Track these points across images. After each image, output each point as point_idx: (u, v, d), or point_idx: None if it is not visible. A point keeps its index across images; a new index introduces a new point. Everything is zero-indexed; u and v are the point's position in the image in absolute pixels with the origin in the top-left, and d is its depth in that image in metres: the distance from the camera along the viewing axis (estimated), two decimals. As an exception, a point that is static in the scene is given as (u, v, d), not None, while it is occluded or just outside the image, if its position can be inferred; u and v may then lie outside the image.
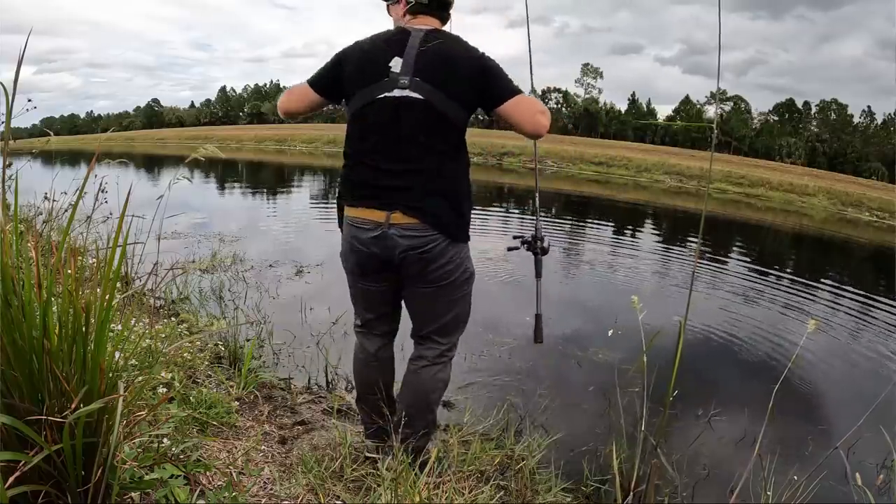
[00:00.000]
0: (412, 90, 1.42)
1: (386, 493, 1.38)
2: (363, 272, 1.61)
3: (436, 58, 1.44)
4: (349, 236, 1.57)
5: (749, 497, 1.82)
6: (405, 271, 1.55)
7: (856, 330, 4.19)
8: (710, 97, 61.32)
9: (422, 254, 1.49)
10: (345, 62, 1.52)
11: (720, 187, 18.11)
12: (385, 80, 1.44)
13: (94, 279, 1.13)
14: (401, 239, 1.47)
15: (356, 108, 1.49)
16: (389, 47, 1.47)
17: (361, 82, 1.47)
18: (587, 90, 69.51)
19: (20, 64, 1.02)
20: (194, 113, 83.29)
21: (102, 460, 0.99)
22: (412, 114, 1.43)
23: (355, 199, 1.53)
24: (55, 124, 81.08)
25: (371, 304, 1.68)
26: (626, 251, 6.67)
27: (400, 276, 1.58)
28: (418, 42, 1.45)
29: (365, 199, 1.50)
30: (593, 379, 2.85)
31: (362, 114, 1.48)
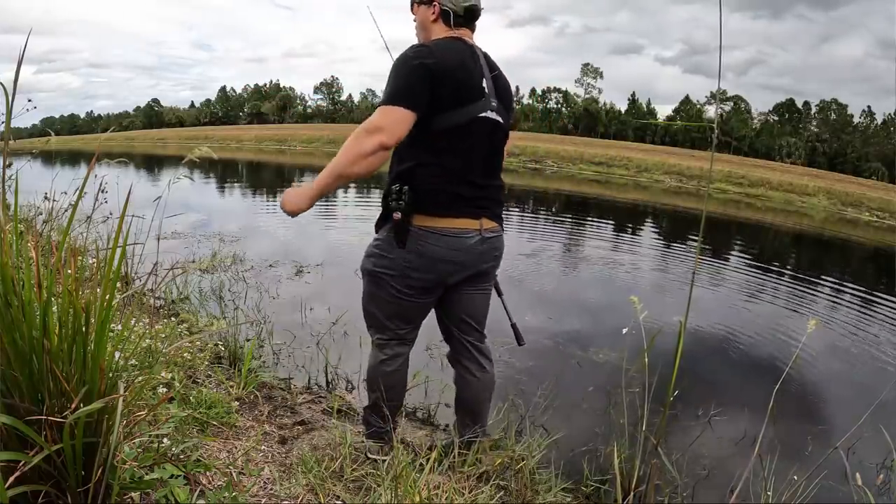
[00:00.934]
0: (497, 113, 1.54)
1: (386, 493, 1.38)
2: (435, 285, 1.59)
3: (504, 84, 1.58)
4: (442, 247, 1.52)
5: (749, 497, 1.82)
6: (482, 274, 1.65)
7: (856, 330, 4.19)
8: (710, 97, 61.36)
9: (498, 255, 1.67)
10: (439, 76, 1.41)
11: (720, 187, 18.12)
12: (482, 100, 1.49)
13: (94, 279, 1.13)
14: (494, 241, 1.62)
15: (453, 124, 1.46)
16: (475, 64, 1.50)
17: (462, 100, 1.46)
18: (587, 90, 69.58)
19: (20, 64, 1.02)
20: (194, 113, 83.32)
21: (102, 460, 0.99)
22: (498, 135, 1.57)
23: (451, 211, 1.51)
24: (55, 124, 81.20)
25: (416, 317, 1.70)
26: (626, 251, 6.67)
27: (458, 283, 1.62)
28: (485, 62, 1.54)
29: (463, 211, 1.53)
30: (593, 379, 2.85)
31: (463, 131, 1.47)
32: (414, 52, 1.43)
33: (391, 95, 1.40)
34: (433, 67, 1.40)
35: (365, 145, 1.36)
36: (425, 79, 1.39)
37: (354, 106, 79.26)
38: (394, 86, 1.40)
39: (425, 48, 1.45)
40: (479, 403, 1.84)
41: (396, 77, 1.41)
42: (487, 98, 1.50)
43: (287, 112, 77.30)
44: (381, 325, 1.70)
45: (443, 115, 1.44)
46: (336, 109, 78.86)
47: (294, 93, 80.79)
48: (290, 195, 1.50)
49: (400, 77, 1.41)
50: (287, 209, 1.51)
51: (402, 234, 1.49)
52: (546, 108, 69.61)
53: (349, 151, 1.38)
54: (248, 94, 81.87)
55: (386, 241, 1.56)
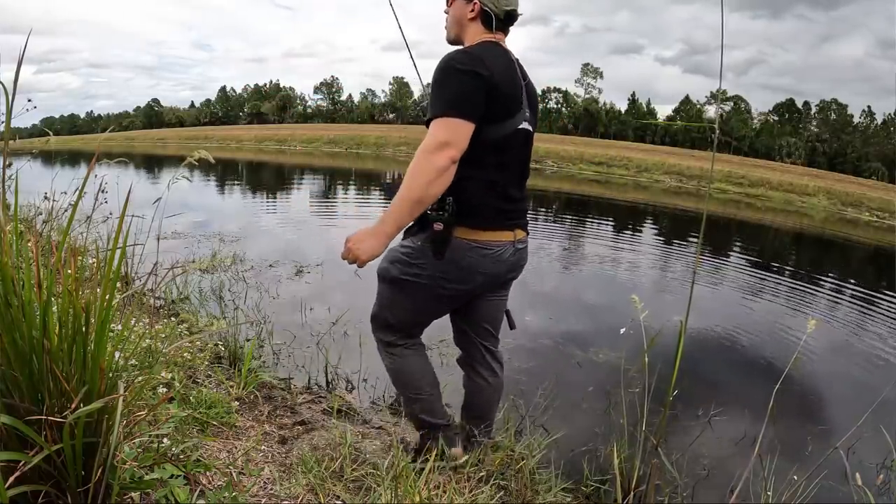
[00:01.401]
0: (528, 123, 1.51)
1: (386, 493, 1.38)
2: (465, 296, 1.58)
3: (533, 90, 1.55)
4: (482, 260, 1.49)
5: (749, 497, 1.82)
6: (507, 282, 1.66)
7: (856, 330, 4.19)
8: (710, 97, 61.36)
9: (524, 263, 1.65)
10: (492, 88, 1.35)
11: (720, 187, 18.12)
12: (520, 111, 1.46)
13: (94, 279, 1.13)
14: (524, 251, 1.61)
15: (500, 136, 1.41)
16: (516, 74, 1.45)
17: (509, 112, 1.42)
18: (587, 90, 69.58)
19: (20, 64, 1.02)
20: (194, 113, 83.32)
21: (102, 460, 0.99)
22: (529, 144, 1.55)
23: (493, 224, 1.49)
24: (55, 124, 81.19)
25: (431, 321, 1.72)
26: (626, 251, 6.67)
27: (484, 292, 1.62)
28: (519, 69, 1.49)
29: (503, 224, 1.51)
30: (593, 379, 2.85)
31: (505, 143, 1.43)
32: (468, 60, 1.33)
33: (449, 104, 1.30)
34: (487, 79, 1.33)
35: (438, 162, 1.28)
36: (480, 89, 1.33)
37: (354, 106, 79.27)
38: (449, 95, 1.31)
39: (476, 57, 1.35)
40: (489, 407, 1.86)
41: (449, 85, 1.32)
42: (523, 109, 1.47)
43: (287, 112, 77.30)
44: (396, 329, 1.67)
45: (491, 128, 1.38)
46: (336, 109, 78.85)
47: (294, 93, 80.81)
48: (362, 240, 1.32)
49: (454, 86, 1.32)
50: (363, 258, 1.33)
51: (441, 246, 1.43)
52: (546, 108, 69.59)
53: (424, 173, 1.28)
54: (248, 94, 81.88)
55: (419, 250, 1.49)
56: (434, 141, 1.29)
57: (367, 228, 1.34)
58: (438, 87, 1.34)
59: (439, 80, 1.34)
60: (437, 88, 1.34)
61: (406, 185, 1.29)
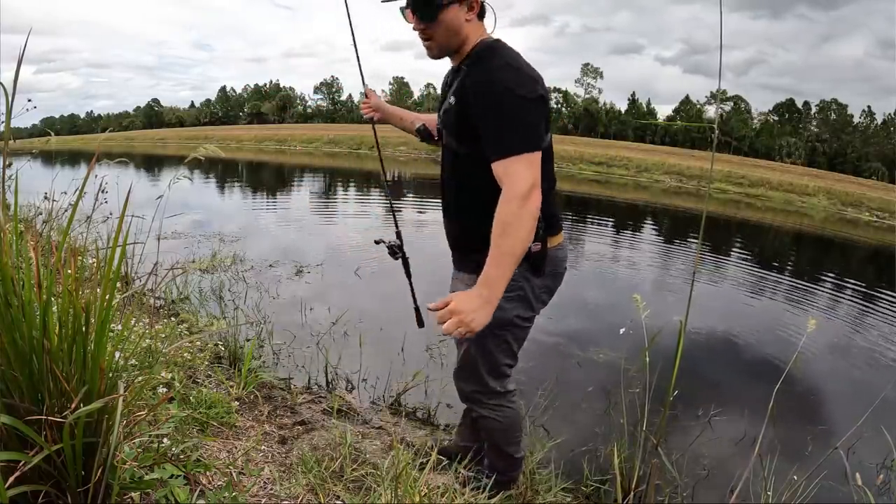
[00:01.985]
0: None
1: (386, 493, 1.38)
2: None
3: None
4: (563, 260, 1.50)
5: (749, 497, 1.82)
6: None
7: (856, 330, 4.19)
8: (710, 97, 61.35)
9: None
10: (546, 101, 1.32)
11: (720, 187, 18.12)
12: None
13: (94, 279, 1.13)
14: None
15: (548, 142, 1.37)
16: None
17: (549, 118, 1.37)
18: (587, 90, 69.55)
19: (20, 64, 1.02)
20: (194, 113, 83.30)
21: (102, 460, 0.99)
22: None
23: (559, 226, 1.49)
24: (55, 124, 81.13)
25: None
26: (626, 251, 6.67)
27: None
28: None
29: (561, 224, 1.52)
30: (593, 379, 2.86)
31: (551, 149, 1.41)
32: (530, 84, 1.26)
33: (527, 141, 1.23)
34: (545, 96, 1.29)
35: (533, 207, 1.21)
36: (544, 112, 1.29)
37: (354, 106, 79.21)
38: (524, 129, 1.24)
39: (533, 78, 1.27)
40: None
41: (521, 118, 1.24)
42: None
43: (287, 112, 77.29)
44: (505, 372, 1.56)
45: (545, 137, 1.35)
46: (336, 109, 78.83)
47: (294, 93, 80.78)
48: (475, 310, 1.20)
49: (525, 117, 1.24)
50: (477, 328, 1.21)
51: (541, 262, 1.41)
52: (546, 108, 69.52)
53: (524, 224, 1.20)
54: (248, 94, 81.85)
55: (516, 277, 1.36)
56: (525, 186, 1.20)
57: (471, 296, 1.21)
58: (507, 120, 1.23)
59: (506, 113, 1.23)
60: (507, 121, 1.23)
61: (509, 243, 1.20)
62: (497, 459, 1.68)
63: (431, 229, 5.89)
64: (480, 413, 1.59)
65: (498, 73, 1.26)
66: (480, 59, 1.33)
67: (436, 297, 1.26)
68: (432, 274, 2.51)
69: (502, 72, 1.26)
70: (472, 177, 1.36)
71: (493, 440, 1.65)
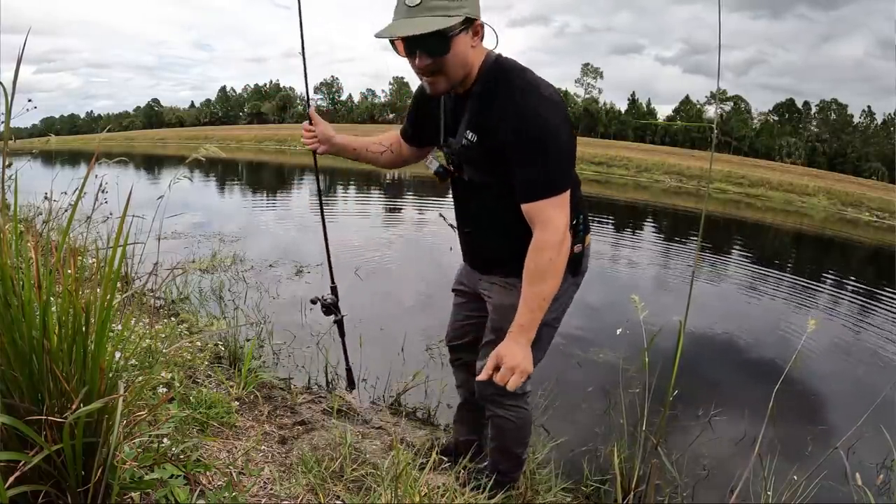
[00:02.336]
0: None
1: (386, 493, 1.38)
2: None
3: None
4: (587, 260, 1.50)
5: (749, 497, 1.82)
6: None
7: (856, 330, 4.19)
8: (710, 97, 61.33)
9: None
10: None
11: (720, 187, 18.12)
12: None
13: (94, 279, 1.13)
14: None
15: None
16: None
17: None
18: (587, 90, 69.62)
19: (20, 64, 1.02)
20: (194, 113, 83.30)
21: (102, 460, 0.98)
22: None
23: (588, 229, 1.48)
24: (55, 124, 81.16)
25: None
26: (626, 250, 6.67)
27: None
28: None
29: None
30: (593, 379, 2.85)
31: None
32: (565, 116, 1.22)
33: (562, 184, 1.20)
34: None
35: (565, 252, 1.22)
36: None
37: (354, 106, 79.31)
38: (560, 172, 1.21)
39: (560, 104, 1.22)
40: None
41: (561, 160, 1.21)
42: None
43: (287, 112, 77.29)
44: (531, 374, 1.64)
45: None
46: (336, 109, 78.87)
47: (294, 93, 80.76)
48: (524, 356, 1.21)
49: (564, 159, 1.21)
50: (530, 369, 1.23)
51: (580, 262, 1.43)
52: (546, 108, 69.55)
53: (559, 270, 1.21)
54: (248, 94, 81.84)
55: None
56: (561, 233, 1.20)
57: (518, 346, 1.21)
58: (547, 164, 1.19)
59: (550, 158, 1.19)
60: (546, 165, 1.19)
61: (546, 290, 1.21)
62: (502, 459, 1.68)
63: (431, 228, 5.88)
64: (496, 413, 1.58)
65: (539, 110, 1.18)
66: (501, 85, 1.24)
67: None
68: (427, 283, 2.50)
69: (543, 109, 1.19)
70: (500, 202, 1.33)
71: (502, 440, 1.64)
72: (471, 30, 1.20)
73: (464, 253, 1.61)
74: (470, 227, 1.50)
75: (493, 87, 1.25)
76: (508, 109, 1.20)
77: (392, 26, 1.17)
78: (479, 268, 1.56)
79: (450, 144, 1.39)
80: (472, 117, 1.29)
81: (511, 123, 1.19)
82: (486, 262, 1.52)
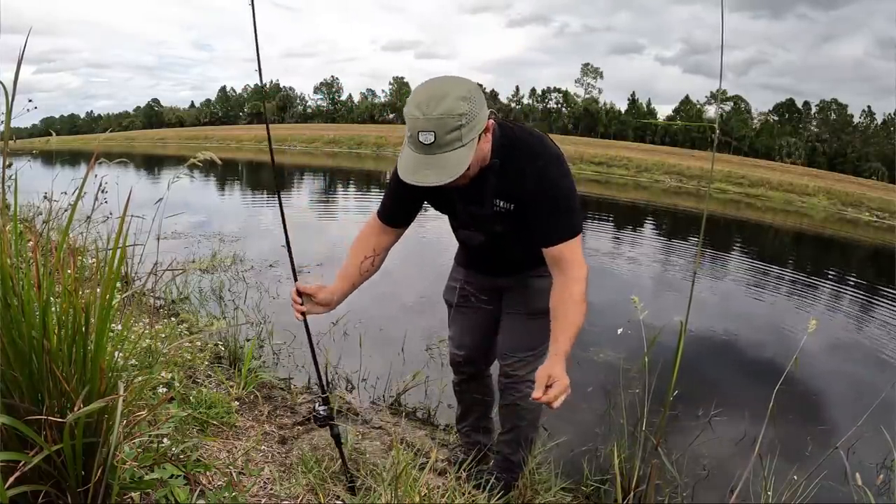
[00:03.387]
0: None
1: (386, 493, 1.38)
2: None
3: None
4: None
5: (749, 497, 1.82)
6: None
7: (856, 330, 4.19)
8: (710, 97, 61.32)
9: None
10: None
11: (720, 187, 18.11)
12: None
13: (94, 279, 1.13)
14: None
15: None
16: None
17: None
18: (587, 90, 69.50)
19: (20, 64, 1.02)
20: (194, 113, 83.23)
21: (102, 460, 0.98)
22: None
23: None
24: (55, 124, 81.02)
25: None
26: (626, 250, 6.67)
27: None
28: None
29: None
30: (593, 379, 2.85)
31: None
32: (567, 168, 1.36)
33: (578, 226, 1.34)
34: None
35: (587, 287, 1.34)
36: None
37: (354, 106, 79.26)
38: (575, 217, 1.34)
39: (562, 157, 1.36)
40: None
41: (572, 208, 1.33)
42: None
43: (287, 112, 77.29)
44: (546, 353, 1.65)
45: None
46: (336, 109, 78.81)
47: (294, 93, 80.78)
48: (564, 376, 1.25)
49: (574, 206, 1.34)
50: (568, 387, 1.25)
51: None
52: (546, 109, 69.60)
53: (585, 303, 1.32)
54: (248, 94, 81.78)
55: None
56: (586, 268, 1.33)
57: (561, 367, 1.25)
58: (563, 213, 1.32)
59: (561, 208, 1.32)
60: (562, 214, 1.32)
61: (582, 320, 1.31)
62: (516, 450, 1.72)
63: (431, 227, 5.88)
64: (523, 393, 1.60)
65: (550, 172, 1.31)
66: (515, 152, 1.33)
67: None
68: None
69: (549, 169, 1.32)
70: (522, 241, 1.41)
71: (522, 424, 1.69)
72: (482, 134, 1.22)
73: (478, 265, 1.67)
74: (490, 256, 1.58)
75: (511, 159, 1.33)
76: (529, 176, 1.32)
77: (416, 169, 1.18)
78: (504, 273, 1.62)
79: (472, 211, 1.44)
80: (498, 188, 1.36)
81: (531, 187, 1.31)
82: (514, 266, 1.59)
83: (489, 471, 1.76)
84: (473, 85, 1.18)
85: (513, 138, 1.34)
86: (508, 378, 1.61)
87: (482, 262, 1.64)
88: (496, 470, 1.74)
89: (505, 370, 1.63)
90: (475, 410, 1.90)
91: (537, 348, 1.59)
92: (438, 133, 1.12)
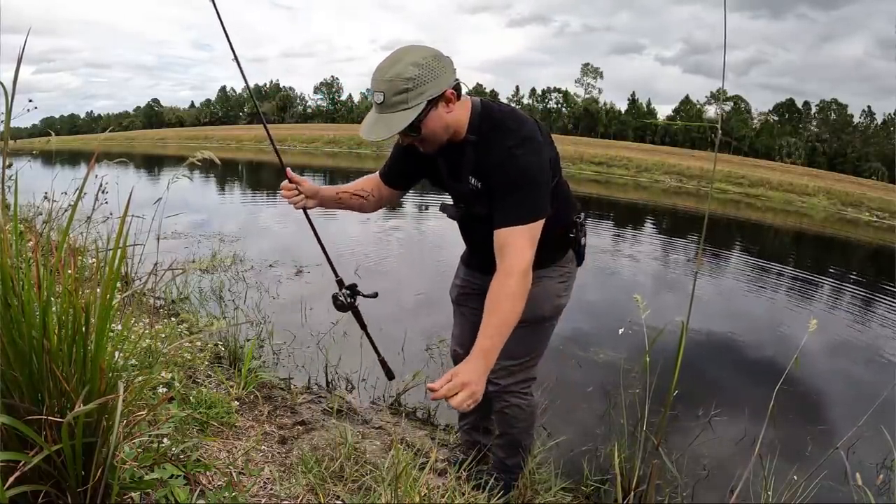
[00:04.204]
0: None
1: (386, 492, 1.38)
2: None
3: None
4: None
5: (749, 497, 1.82)
6: None
7: (856, 330, 4.19)
8: (710, 97, 61.32)
9: None
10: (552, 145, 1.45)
11: (720, 187, 18.10)
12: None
13: (94, 279, 1.13)
14: None
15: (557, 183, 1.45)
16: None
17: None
18: (587, 90, 69.50)
19: (19, 63, 1.02)
20: (194, 113, 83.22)
21: (102, 460, 0.98)
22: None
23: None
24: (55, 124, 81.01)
25: None
26: (626, 250, 6.67)
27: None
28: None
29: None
30: (593, 379, 2.86)
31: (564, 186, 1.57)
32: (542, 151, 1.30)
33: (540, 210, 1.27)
34: (549, 144, 1.36)
35: (530, 278, 1.26)
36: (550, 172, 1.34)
37: (354, 106, 79.27)
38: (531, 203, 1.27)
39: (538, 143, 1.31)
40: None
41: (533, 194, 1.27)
42: None
43: (287, 112, 77.28)
44: (535, 363, 1.64)
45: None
46: (336, 109, 78.83)
47: (294, 93, 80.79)
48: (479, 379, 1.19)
49: (537, 193, 1.28)
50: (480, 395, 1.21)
51: (583, 253, 1.62)
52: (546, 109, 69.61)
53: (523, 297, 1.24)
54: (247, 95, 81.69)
55: (569, 267, 1.60)
56: (526, 262, 1.24)
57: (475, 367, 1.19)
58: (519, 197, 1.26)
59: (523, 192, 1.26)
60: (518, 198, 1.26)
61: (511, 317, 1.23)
62: (511, 454, 1.71)
63: (431, 225, 5.88)
64: (508, 402, 1.61)
65: (515, 151, 1.27)
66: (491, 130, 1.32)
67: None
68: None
69: (519, 150, 1.27)
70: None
71: (513, 431, 1.67)
72: (440, 103, 1.25)
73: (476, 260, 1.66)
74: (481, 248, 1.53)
75: (486, 138, 1.33)
76: (494, 154, 1.30)
77: (369, 125, 1.27)
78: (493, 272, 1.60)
79: (454, 187, 1.44)
80: (474, 165, 1.36)
81: (495, 165, 1.30)
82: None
83: (489, 471, 1.76)
84: (433, 53, 1.23)
85: (493, 118, 1.33)
86: (494, 386, 1.60)
87: (479, 259, 1.63)
88: (495, 471, 1.75)
89: (490, 377, 1.61)
90: (476, 410, 1.89)
91: (522, 358, 1.57)
92: (387, 94, 1.21)
